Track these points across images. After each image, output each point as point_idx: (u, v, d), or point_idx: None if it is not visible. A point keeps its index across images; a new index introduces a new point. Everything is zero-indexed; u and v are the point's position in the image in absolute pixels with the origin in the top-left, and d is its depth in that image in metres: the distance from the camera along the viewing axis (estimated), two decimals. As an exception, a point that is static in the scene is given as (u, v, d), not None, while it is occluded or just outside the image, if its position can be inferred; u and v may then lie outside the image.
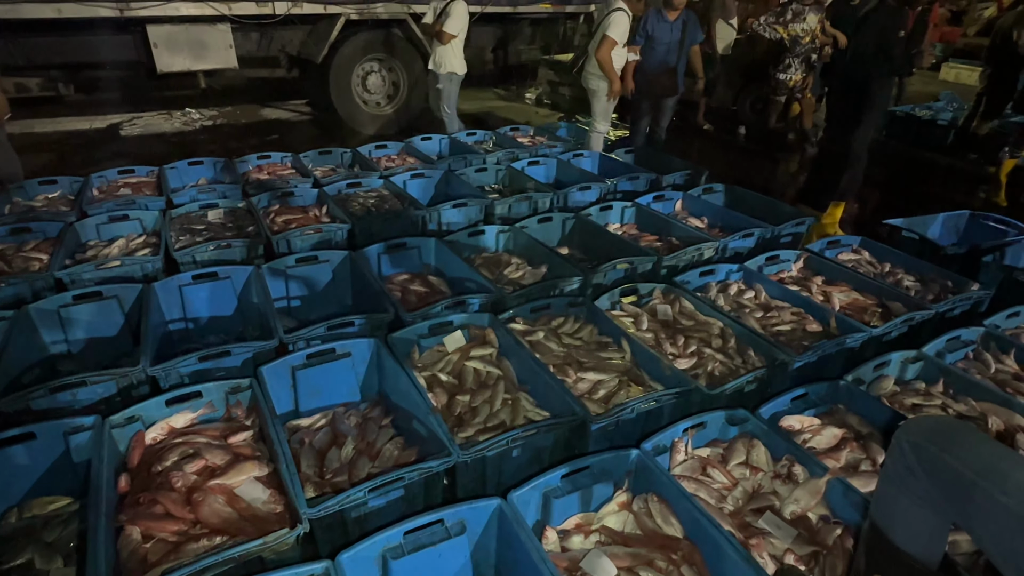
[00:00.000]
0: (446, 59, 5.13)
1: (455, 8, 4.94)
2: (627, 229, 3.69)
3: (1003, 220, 3.68)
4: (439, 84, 5.28)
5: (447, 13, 4.94)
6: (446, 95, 5.31)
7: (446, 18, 4.94)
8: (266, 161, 4.50)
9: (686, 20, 4.66)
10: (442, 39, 5.01)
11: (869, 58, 3.22)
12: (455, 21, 4.96)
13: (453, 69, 5.17)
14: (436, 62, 5.20)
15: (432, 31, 5.09)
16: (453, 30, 4.96)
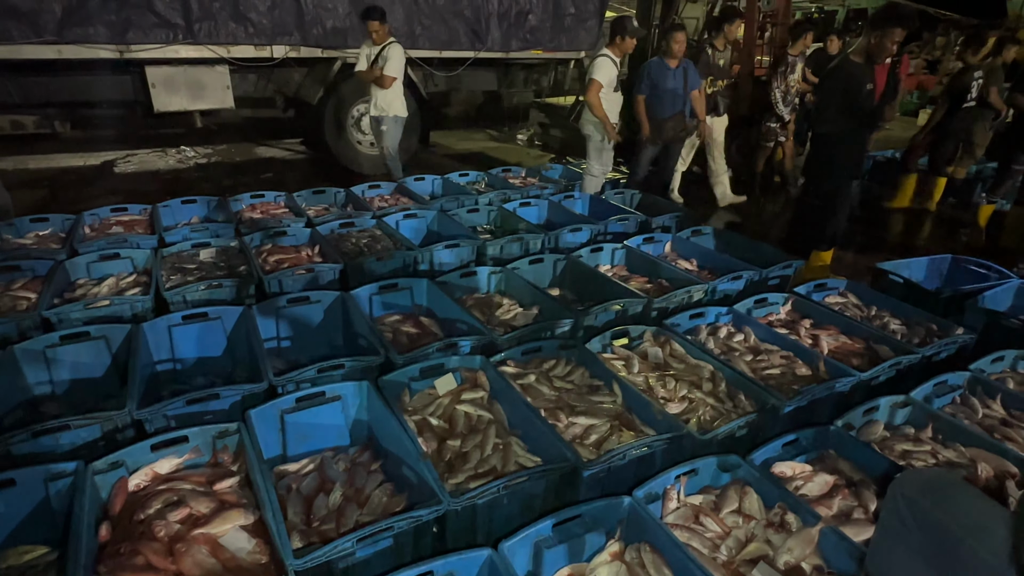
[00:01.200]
0: (389, 103, 5.08)
1: (393, 52, 4.91)
2: (617, 271, 3.73)
3: (984, 264, 3.75)
4: (383, 127, 5.20)
5: (384, 57, 4.89)
6: (391, 139, 5.25)
7: (384, 62, 4.89)
8: (259, 200, 4.53)
9: (686, 68, 4.84)
10: (383, 83, 4.95)
11: (834, 111, 3.35)
12: (395, 64, 4.92)
13: (397, 112, 5.15)
14: (379, 106, 5.13)
15: (370, 76, 5.00)
16: (394, 73, 4.93)
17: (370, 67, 4.97)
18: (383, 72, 4.90)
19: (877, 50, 3.31)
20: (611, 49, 4.63)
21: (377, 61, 4.92)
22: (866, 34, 3.37)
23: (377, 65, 4.92)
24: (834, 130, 3.41)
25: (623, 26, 4.61)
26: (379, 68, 4.91)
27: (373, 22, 4.79)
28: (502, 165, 7.18)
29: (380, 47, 4.91)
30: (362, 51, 5.08)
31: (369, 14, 4.79)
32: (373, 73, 4.94)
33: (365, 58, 5.03)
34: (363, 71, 5.05)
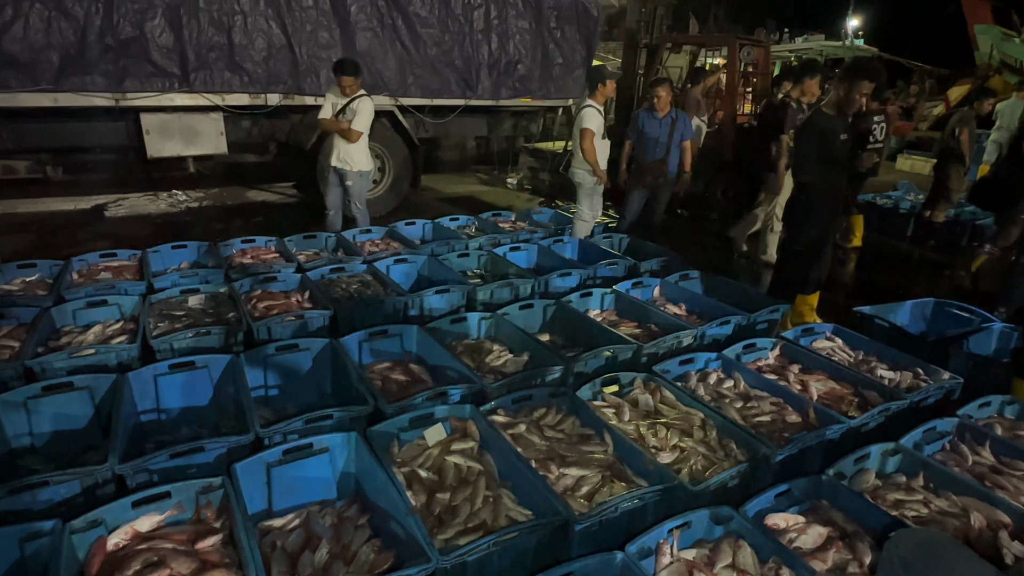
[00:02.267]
0: (354, 156, 4.87)
1: (363, 106, 4.72)
2: (607, 315, 3.75)
3: (966, 308, 3.82)
4: (348, 181, 4.94)
5: (354, 110, 4.70)
6: (357, 192, 5.04)
7: (354, 115, 4.71)
8: (250, 245, 4.54)
9: (675, 118, 5.01)
10: (351, 137, 4.74)
11: (812, 161, 3.46)
12: (364, 119, 4.75)
13: (362, 167, 4.95)
14: (342, 159, 4.87)
15: (336, 128, 4.76)
16: (362, 128, 4.76)
17: (335, 117, 4.78)
18: (351, 126, 4.72)
19: (846, 102, 3.45)
20: (594, 99, 4.78)
21: (345, 112, 4.76)
22: (836, 87, 3.51)
23: (345, 117, 4.75)
24: (813, 179, 3.52)
25: (600, 74, 4.79)
26: (347, 121, 4.73)
27: (346, 76, 4.63)
28: (492, 209, 7.28)
29: (349, 99, 4.75)
30: (328, 98, 4.86)
31: (343, 68, 4.65)
32: (340, 125, 4.75)
33: (331, 106, 4.82)
34: (328, 121, 4.81)
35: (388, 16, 6.00)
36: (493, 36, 6.60)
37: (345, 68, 4.66)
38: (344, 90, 4.71)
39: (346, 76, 4.64)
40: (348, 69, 4.65)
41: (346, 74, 4.64)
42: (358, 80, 4.73)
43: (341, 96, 4.76)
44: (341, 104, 4.75)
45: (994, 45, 14.57)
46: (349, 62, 4.75)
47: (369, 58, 6.02)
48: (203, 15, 5.19)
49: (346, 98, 4.74)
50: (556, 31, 6.95)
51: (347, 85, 4.68)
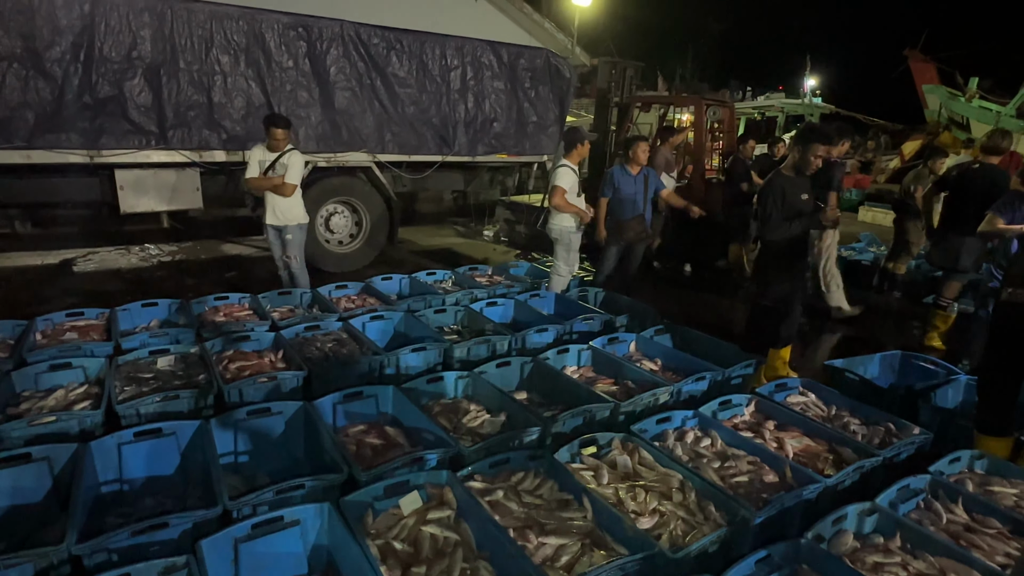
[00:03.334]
0: (292, 211, 4.80)
1: (294, 159, 4.69)
2: (584, 372, 3.75)
3: (932, 360, 3.92)
4: (288, 235, 4.84)
5: (284, 165, 4.66)
6: (297, 246, 4.91)
7: (285, 170, 4.65)
8: (223, 302, 4.49)
9: (647, 174, 5.16)
10: (285, 192, 4.67)
11: (777, 219, 3.60)
12: (296, 172, 4.71)
13: (300, 220, 4.88)
14: (279, 215, 4.78)
15: (268, 185, 4.66)
16: (296, 180, 4.72)
17: (264, 174, 4.67)
18: (285, 180, 4.65)
19: (803, 164, 3.63)
20: (569, 158, 4.92)
21: (274, 168, 4.67)
22: (792, 150, 3.70)
23: (274, 172, 4.66)
24: (778, 237, 3.64)
25: (577, 135, 4.95)
26: (279, 176, 4.65)
27: (279, 130, 4.57)
28: (469, 261, 7.36)
29: (278, 154, 4.66)
30: (253, 156, 4.71)
31: (276, 122, 4.59)
32: (272, 181, 4.65)
33: (257, 164, 4.68)
34: (257, 179, 4.69)
35: (367, 76, 6.16)
36: (470, 96, 6.81)
37: (277, 122, 4.59)
38: (277, 144, 4.62)
39: (278, 129, 4.57)
40: (280, 123, 4.60)
41: (278, 127, 4.57)
42: (288, 134, 4.68)
43: (267, 152, 4.68)
44: (269, 160, 4.67)
45: (942, 103, 15.51)
46: (281, 116, 4.71)
47: (347, 116, 6.14)
48: (183, 75, 5.27)
49: (273, 153, 4.67)
50: (530, 91, 7.20)
51: (279, 139, 4.59)
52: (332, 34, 5.91)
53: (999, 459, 2.81)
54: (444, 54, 6.58)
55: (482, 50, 6.83)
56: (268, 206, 4.79)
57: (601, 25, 20.83)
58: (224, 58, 5.42)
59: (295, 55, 5.75)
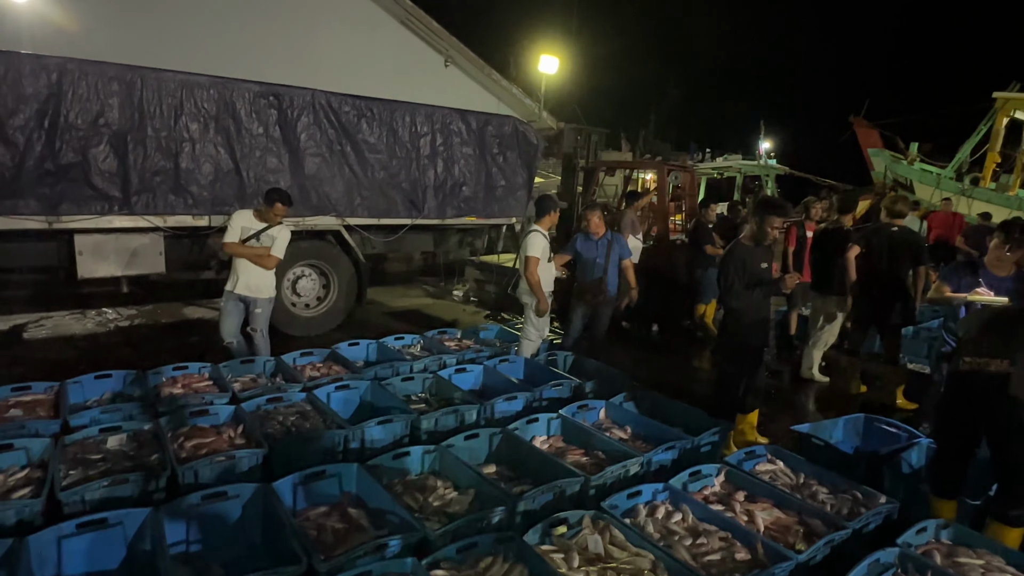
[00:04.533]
0: (265, 283, 4.71)
1: (284, 233, 4.68)
2: (554, 442, 3.70)
3: (893, 424, 4.00)
4: (257, 309, 4.71)
5: (272, 237, 4.61)
6: (263, 320, 4.80)
7: (272, 242, 4.61)
8: (182, 372, 4.33)
9: (611, 240, 5.29)
10: (268, 264, 4.61)
11: (739, 287, 3.72)
12: (282, 246, 4.67)
13: (271, 294, 4.78)
14: (251, 286, 4.64)
15: (251, 254, 4.57)
16: (281, 255, 4.68)
17: (245, 241, 4.57)
18: (271, 252, 4.60)
19: (761, 235, 3.79)
20: (540, 224, 5.02)
21: (259, 239, 4.59)
22: (751, 222, 3.86)
23: (259, 242, 4.59)
24: (741, 304, 3.74)
25: (548, 204, 5.06)
26: (264, 247, 4.59)
27: (283, 206, 4.57)
28: (439, 323, 7.33)
29: (266, 225, 4.61)
30: (236, 220, 4.60)
31: (282, 199, 4.58)
32: (256, 251, 4.57)
33: (240, 230, 4.57)
34: (237, 245, 4.55)
35: (337, 143, 6.25)
36: (439, 161, 6.95)
37: (283, 199, 4.59)
38: (272, 218, 4.60)
39: (283, 206, 4.57)
40: (285, 200, 4.60)
41: (285, 204, 4.58)
42: (285, 211, 4.65)
43: (254, 221, 4.62)
44: (254, 229, 4.59)
45: (887, 166, 16.45)
46: (286, 193, 4.68)
47: (317, 180, 6.19)
48: (150, 142, 5.26)
49: (260, 223, 4.62)
50: (499, 156, 7.39)
51: (279, 214, 4.59)
52: (303, 102, 6.02)
53: (964, 528, 2.83)
54: (414, 121, 6.74)
55: (451, 118, 7.02)
56: (239, 275, 4.64)
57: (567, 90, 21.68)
58: (193, 125, 5.45)
59: (265, 122, 5.81)
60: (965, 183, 14.03)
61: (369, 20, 8.89)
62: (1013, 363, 2.69)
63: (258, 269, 4.63)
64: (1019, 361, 2.69)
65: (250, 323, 4.79)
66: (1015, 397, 2.67)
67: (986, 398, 2.78)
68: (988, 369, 2.75)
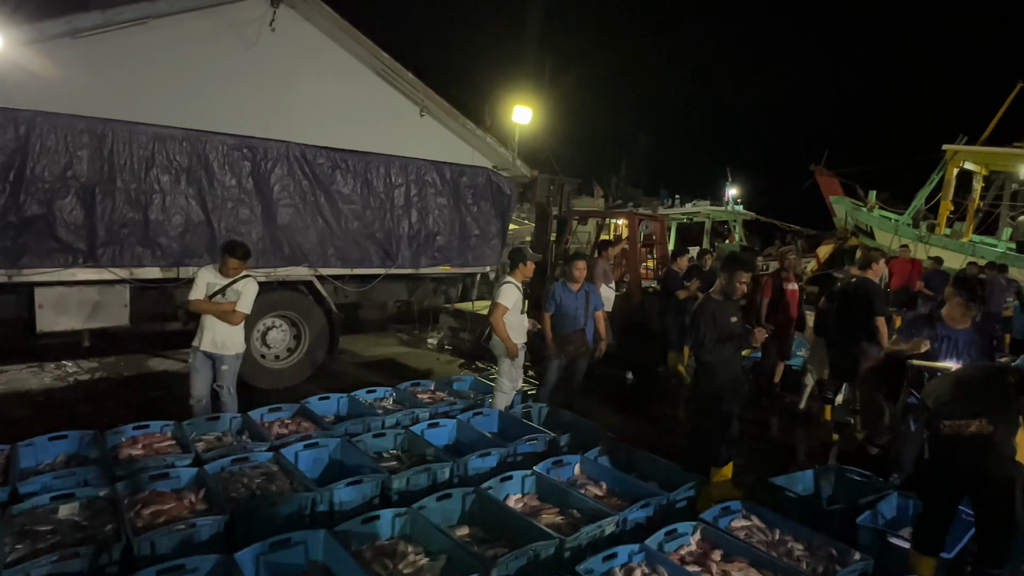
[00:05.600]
0: (233, 339, 4.63)
1: (249, 287, 4.58)
2: (528, 500, 3.64)
3: (863, 474, 4.03)
4: (224, 366, 4.62)
5: (238, 291, 4.53)
6: (231, 376, 4.70)
7: (238, 297, 4.52)
8: (143, 431, 4.18)
9: (588, 291, 5.35)
10: (234, 320, 4.55)
11: (711, 342, 3.78)
12: (249, 300, 4.59)
13: (239, 349, 4.71)
14: (217, 343, 4.55)
15: (217, 310, 4.49)
16: (247, 309, 4.60)
17: (211, 298, 4.51)
18: (236, 307, 4.53)
19: (730, 289, 3.89)
20: (513, 276, 5.06)
21: (225, 294, 4.52)
22: (720, 277, 3.96)
23: (225, 298, 4.51)
24: (713, 358, 3.79)
25: (522, 256, 5.11)
26: (230, 303, 4.51)
27: (235, 259, 4.46)
28: (412, 373, 7.25)
29: (231, 280, 4.53)
30: (202, 277, 4.52)
31: (233, 251, 4.47)
32: (221, 307, 4.49)
33: (205, 286, 4.50)
34: (203, 302, 4.50)
35: (311, 194, 6.26)
36: (413, 211, 7.00)
37: (235, 251, 4.47)
38: (229, 271, 4.51)
39: (234, 259, 4.46)
40: (237, 252, 4.48)
41: (235, 256, 4.46)
42: (244, 264, 4.57)
43: (219, 276, 4.53)
44: (220, 284, 4.51)
45: (848, 213, 17.09)
46: (240, 245, 4.56)
47: (289, 231, 6.16)
48: (119, 194, 5.19)
49: (225, 278, 4.52)
50: (472, 207, 7.49)
51: (234, 267, 4.49)
52: (277, 154, 6.05)
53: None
54: (389, 172, 6.81)
55: (426, 169, 7.12)
56: (206, 331, 4.54)
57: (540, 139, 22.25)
58: (165, 177, 5.41)
59: (239, 174, 5.81)
60: (922, 230, 14.62)
61: (347, 72, 9.06)
62: (992, 422, 2.75)
63: (224, 325, 4.55)
64: (998, 420, 2.75)
65: (217, 379, 4.67)
66: (1002, 455, 2.71)
67: (972, 459, 2.81)
68: (969, 431, 2.79)
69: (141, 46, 6.84)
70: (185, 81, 7.20)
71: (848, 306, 5.19)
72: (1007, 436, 2.74)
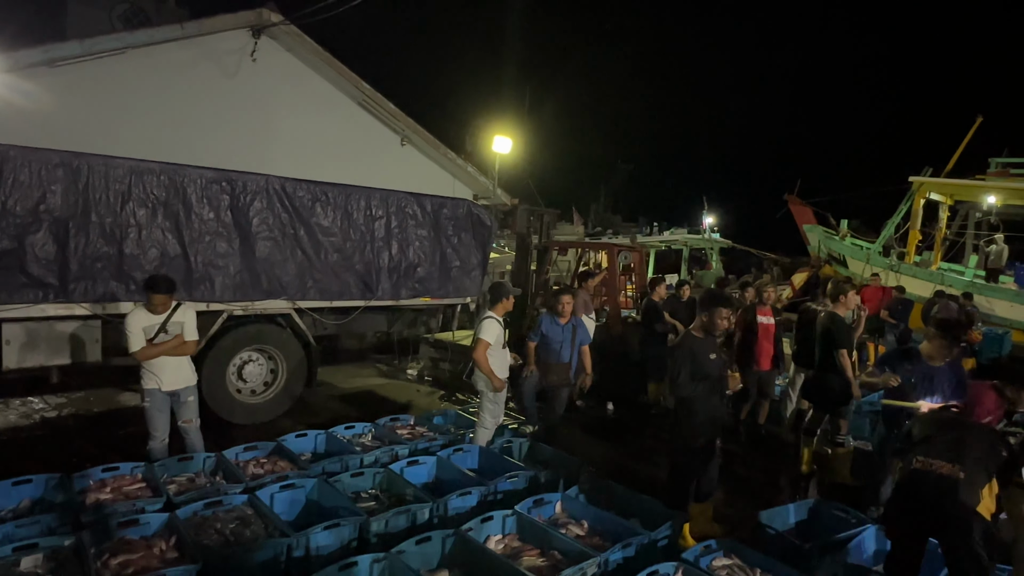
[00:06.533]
0: (187, 370, 4.52)
1: (189, 314, 4.47)
2: (509, 541, 3.59)
3: (843, 508, 4.06)
4: (190, 397, 4.54)
5: (179, 323, 4.38)
6: (194, 407, 4.59)
7: (181, 328, 4.38)
8: (112, 474, 4.05)
9: (575, 325, 5.42)
10: (190, 350, 4.48)
11: (686, 378, 3.82)
12: (195, 326, 4.50)
13: (194, 380, 4.60)
14: (174, 379, 4.43)
15: (167, 349, 4.33)
16: (196, 335, 4.53)
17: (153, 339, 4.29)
18: (186, 338, 4.41)
19: (710, 326, 3.94)
20: (495, 310, 5.07)
21: (166, 331, 4.33)
22: (700, 314, 4.01)
23: (168, 335, 4.34)
24: (691, 394, 3.82)
25: (502, 291, 5.13)
26: (178, 336, 4.37)
27: (159, 295, 4.24)
28: (391, 405, 7.17)
29: (166, 315, 4.33)
30: (135, 324, 4.25)
31: (156, 287, 4.24)
32: (171, 345, 4.33)
33: (142, 332, 4.25)
34: (150, 349, 4.28)
35: (290, 226, 6.22)
36: (394, 243, 7.00)
37: (158, 286, 4.25)
38: (158, 309, 4.30)
39: (160, 295, 4.25)
40: (161, 287, 4.26)
41: (161, 293, 4.25)
42: (170, 299, 4.36)
43: (151, 316, 4.30)
44: (156, 323, 4.30)
45: (820, 241, 17.48)
46: (163, 279, 4.34)
47: (268, 264, 6.10)
48: (93, 228, 5.11)
49: (160, 316, 4.32)
50: (453, 238, 7.50)
51: (161, 303, 4.28)
52: (257, 187, 6.01)
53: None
54: (369, 205, 6.81)
55: (406, 201, 7.13)
56: (158, 372, 4.38)
57: (521, 167, 22.53)
58: (141, 211, 5.33)
59: (217, 207, 5.76)
60: (892, 259, 14.99)
61: (328, 102, 9.15)
62: (963, 469, 2.80)
63: (175, 360, 4.43)
64: (968, 468, 2.80)
65: (181, 416, 4.56)
66: (964, 503, 2.75)
67: (938, 500, 2.84)
68: (940, 471, 2.84)
69: (119, 76, 6.85)
70: (165, 111, 7.19)
71: (819, 339, 5.29)
72: (974, 486, 2.79)
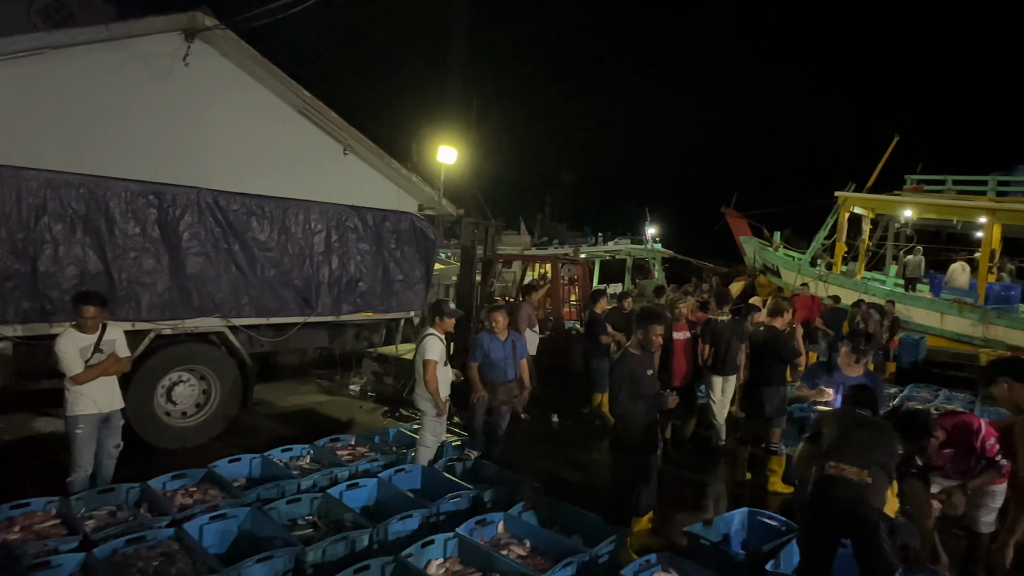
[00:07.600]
0: (118, 390, 4.41)
1: (117, 332, 4.39)
2: (450, 566, 3.56)
3: (774, 516, 4.23)
4: (119, 421, 4.39)
5: (112, 341, 4.29)
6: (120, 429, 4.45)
7: (114, 346, 4.28)
8: (21, 511, 3.77)
9: (515, 340, 5.44)
10: (126, 367, 4.42)
11: (625, 396, 3.91)
12: (124, 343, 4.43)
13: (122, 404, 4.45)
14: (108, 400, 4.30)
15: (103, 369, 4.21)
16: (129, 351, 4.48)
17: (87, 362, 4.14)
18: (120, 355, 4.30)
19: (646, 342, 4.05)
20: (436, 328, 5.03)
21: (99, 350, 4.19)
22: (636, 332, 4.12)
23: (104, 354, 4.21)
24: (629, 411, 3.90)
25: (441, 309, 5.12)
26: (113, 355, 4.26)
27: (94, 307, 4.11)
28: (331, 424, 6.98)
29: (98, 334, 4.20)
30: (69, 347, 4.08)
31: (88, 299, 4.12)
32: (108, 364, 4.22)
33: (78, 353, 4.10)
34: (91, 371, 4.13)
35: (224, 241, 6.00)
36: (334, 257, 6.85)
37: (92, 299, 4.14)
38: (89, 324, 4.14)
39: (93, 307, 4.11)
40: (95, 300, 4.15)
41: (94, 305, 4.12)
42: (104, 312, 4.23)
43: (83, 336, 4.16)
44: (91, 343, 4.16)
45: (756, 252, 18.23)
46: (94, 293, 4.25)
47: (200, 280, 5.85)
48: (3, 244, 4.76)
49: (92, 335, 4.18)
50: (396, 251, 7.42)
51: (92, 317, 4.12)
52: (187, 200, 5.77)
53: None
54: (308, 218, 6.65)
55: (347, 214, 7.01)
56: (90, 395, 4.18)
57: (466, 177, 22.53)
58: (58, 226, 5.02)
59: (143, 222, 5.48)
60: (821, 269, 15.79)
61: (266, 110, 8.86)
62: (870, 474, 2.96)
63: (108, 380, 4.31)
64: (874, 472, 2.96)
65: (109, 442, 4.36)
66: (872, 506, 2.91)
67: (850, 505, 2.98)
68: (850, 477, 2.99)
69: (37, 79, 6.41)
70: (87, 118, 6.77)
71: (756, 353, 5.53)
72: (881, 490, 2.96)
